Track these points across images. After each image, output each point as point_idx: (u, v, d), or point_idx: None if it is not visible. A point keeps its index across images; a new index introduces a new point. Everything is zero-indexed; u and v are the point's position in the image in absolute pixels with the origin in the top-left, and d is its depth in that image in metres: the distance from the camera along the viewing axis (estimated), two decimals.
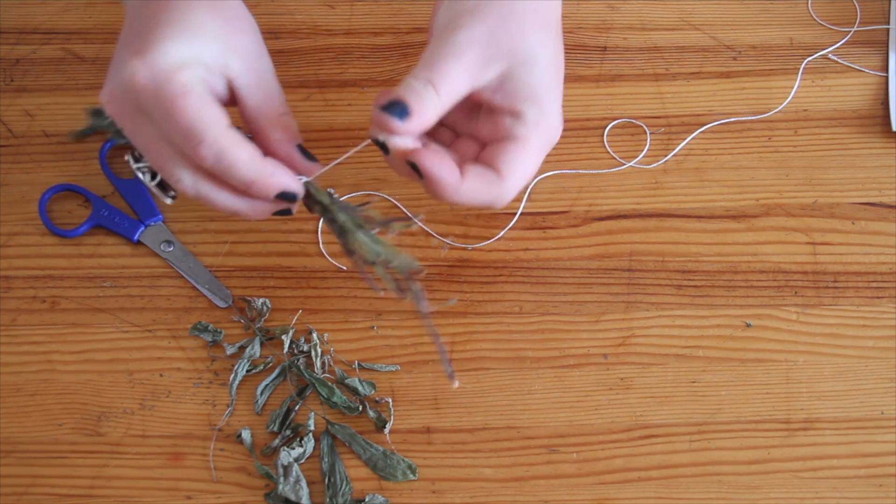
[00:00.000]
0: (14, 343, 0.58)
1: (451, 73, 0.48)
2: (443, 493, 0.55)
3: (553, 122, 0.51)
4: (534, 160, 0.51)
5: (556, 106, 0.51)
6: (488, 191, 0.49)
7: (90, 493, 0.55)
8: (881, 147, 0.64)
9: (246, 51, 0.49)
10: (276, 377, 0.57)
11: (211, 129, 0.46)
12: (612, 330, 0.59)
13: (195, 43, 0.47)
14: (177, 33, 0.46)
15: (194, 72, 0.46)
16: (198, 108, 0.45)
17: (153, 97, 0.46)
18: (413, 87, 0.47)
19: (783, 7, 0.69)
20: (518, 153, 0.50)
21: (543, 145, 0.51)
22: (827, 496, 0.54)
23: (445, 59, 0.48)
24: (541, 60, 0.50)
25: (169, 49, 0.46)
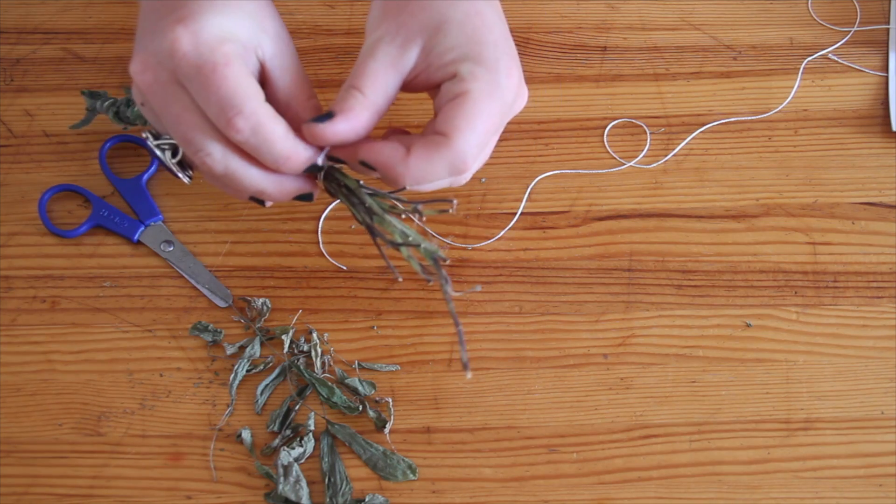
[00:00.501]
0: (14, 343, 0.58)
1: (370, 71, 0.48)
2: (443, 493, 0.55)
3: (495, 69, 0.48)
4: (480, 113, 0.48)
5: (492, 50, 0.49)
6: (439, 156, 0.48)
7: (90, 493, 0.55)
8: (881, 147, 0.64)
9: (277, 34, 0.49)
10: (276, 377, 0.57)
11: (250, 100, 0.46)
12: (612, 330, 0.59)
13: (234, 19, 0.47)
14: (218, 8, 0.47)
15: (235, 46, 0.47)
16: (239, 79, 0.46)
17: (194, 65, 0.46)
18: (338, 97, 0.49)
19: (783, 7, 0.69)
20: (460, 109, 0.48)
21: (489, 95, 0.48)
22: (827, 496, 0.54)
23: (363, 62, 0.49)
24: (455, 19, 0.49)
25: (213, 21, 0.46)
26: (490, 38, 0.49)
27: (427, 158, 0.48)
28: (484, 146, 0.49)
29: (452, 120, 0.48)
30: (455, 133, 0.48)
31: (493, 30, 0.50)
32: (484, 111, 0.48)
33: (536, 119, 0.65)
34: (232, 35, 0.47)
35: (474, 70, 0.48)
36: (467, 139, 0.48)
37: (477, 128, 0.48)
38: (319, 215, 0.62)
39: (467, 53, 0.48)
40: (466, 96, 0.48)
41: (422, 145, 0.48)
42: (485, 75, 0.48)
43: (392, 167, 0.48)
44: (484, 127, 0.48)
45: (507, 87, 0.49)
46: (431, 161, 0.48)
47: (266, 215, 0.62)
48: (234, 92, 0.45)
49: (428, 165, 0.48)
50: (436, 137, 0.48)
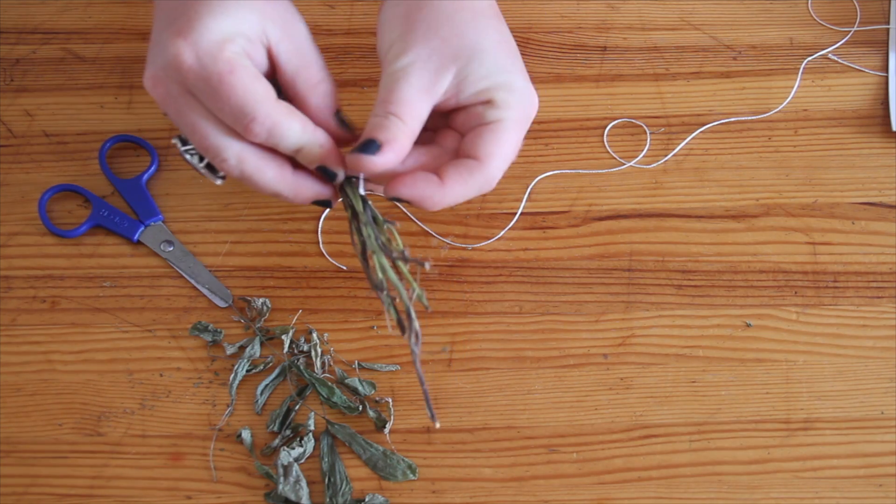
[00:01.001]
0: (14, 343, 0.58)
1: (406, 99, 0.49)
2: (443, 493, 0.55)
3: (524, 97, 0.51)
4: (512, 140, 0.51)
5: (522, 80, 0.51)
6: (473, 180, 0.50)
7: (90, 493, 0.55)
8: (881, 147, 0.64)
9: (282, 18, 0.49)
10: (276, 377, 0.57)
11: (262, 104, 0.46)
12: (612, 330, 0.59)
13: (234, 15, 0.47)
14: (216, 8, 0.47)
15: (237, 45, 0.47)
16: (246, 85, 0.46)
17: (200, 77, 0.46)
18: (377, 124, 0.49)
19: (783, 7, 0.69)
20: (494, 135, 0.50)
21: (519, 122, 0.51)
22: (827, 496, 0.54)
23: (398, 87, 0.49)
24: (487, 48, 0.50)
25: (210, 25, 0.46)
26: (518, 65, 0.52)
27: (462, 184, 0.50)
28: (508, 165, 0.51)
29: (486, 146, 0.50)
30: (489, 159, 0.50)
31: (517, 55, 0.52)
32: (515, 136, 0.51)
33: (536, 119, 0.64)
34: (232, 34, 0.47)
35: (508, 99, 0.50)
36: (499, 164, 0.50)
37: (507, 153, 0.51)
38: (319, 215, 0.62)
39: (501, 83, 0.50)
40: (500, 124, 0.50)
41: (456, 173, 0.50)
42: (516, 105, 0.51)
43: (429, 198, 0.49)
44: (513, 150, 0.51)
45: (531, 104, 0.52)
46: (466, 186, 0.50)
47: (266, 215, 0.62)
48: (244, 100, 0.46)
49: (462, 190, 0.50)
50: (468, 163, 0.50)
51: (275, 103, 0.47)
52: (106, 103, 0.66)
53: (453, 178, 0.50)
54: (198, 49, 0.46)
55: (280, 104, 0.47)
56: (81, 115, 0.65)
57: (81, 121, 0.65)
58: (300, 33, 0.50)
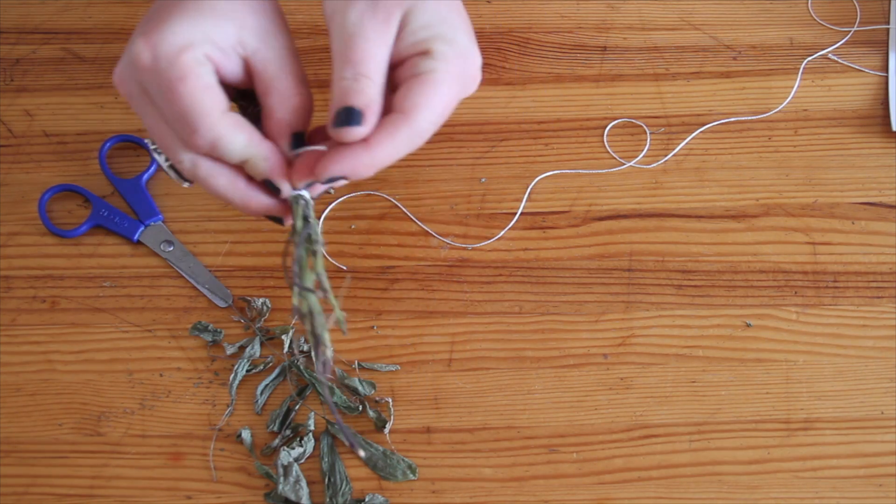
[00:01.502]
0: (14, 343, 0.58)
1: (367, 54, 0.47)
2: (443, 493, 0.55)
3: (462, 52, 0.49)
4: (443, 92, 0.48)
5: (463, 35, 0.49)
6: (400, 136, 0.47)
7: (90, 493, 0.55)
8: (881, 147, 0.64)
9: (263, 28, 0.48)
10: (276, 377, 0.57)
11: (206, 117, 0.45)
12: (612, 330, 0.59)
13: (205, 22, 0.47)
14: (187, 14, 0.46)
15: (199, 52, 0.46)
16: (194, 94, 0.45)
17: (153, 80, 0.46)
18: (350, 88, 0.47)
19: (783, 7, 0.69)
20: (423, 87, 0.48)
21: (455, 77, 0.48)
22: (827, 496, 0.54)
23: (354, 44, 0.48)
24: None
25: (175, 29, 0.46)
26: (460, 22, 0.49)
27: (390, 142, 0.47)
28: (439, 122, 0.49)
29: (414, 97, 0.47)
30: (415, 110, 0.47)
31: (463, 16, 0.50)
32: (447, 91, 0.48)
33: (536, 119, 0.65)
34: (197, 41, 0.46)
35: (446, 51, 0.48)
36: (427, 117, 0.47)
37: (437, 107, 0.48)
38: (319, 215, 0.62)
39: (441, 34, 0.48)
40: (432, 75, 0.48)
41: (382, 130, 0.47)
42: (454, 58, 0.48)
43: (360, 166, 0.47)
44: (443, 106, 0.48)
45: (470, 74, 0.49)
46: (394, 143, 0.47)
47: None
48: (189, 109, 0.45)
49: (392, 147, 0.47)
50: (394, 117, 0.47)
51: (220, 115, 0.46)
52: (106, 103, 0.66)
53: (380, 138, 0.47)
54: (156, 51, 0.45)
55: (227, 116, 0.46)
56: (81, 115, 0.65)
57: (81, 121, 0.65)
58: (281, 45, 0.49)
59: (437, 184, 0.63)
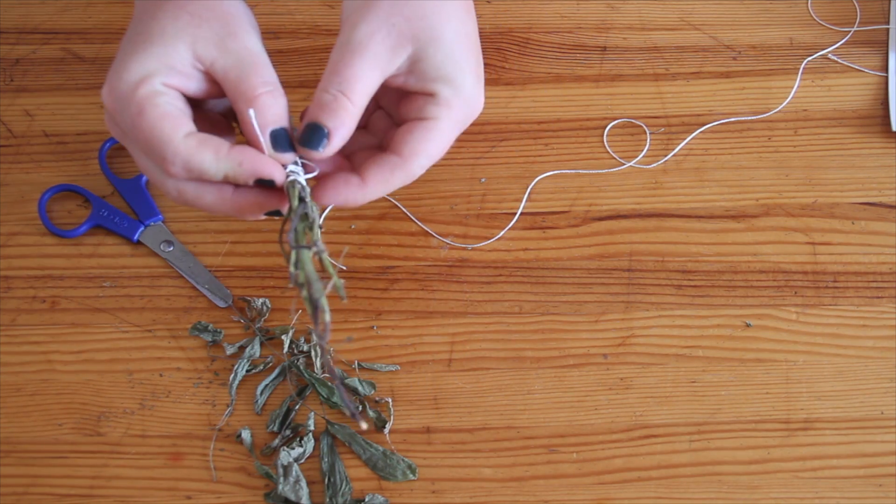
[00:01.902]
0: (14, 343, 0.58)
1: (359, 74, 0.47)
2: (443, 493, 0.55)
3: (468, 99, 0.49)
4: (442, 140, 0.49)
5: (472, 80, 0.49)
6: (394, 178, 0.49)
7: (90, 493, 0.55)
8: (881, 147, 0.64)
9: (217, 34, 0.47)
10: (275, 377, 0.57)
11: (169, 143, 0.46)
12: (612, 330, 0.59)
13: (156, 51, 0.47)
14: (139, 48, 0.47)
15: (154, 83, 0.46)
16: (153, 125, 0.46)
17: (121, 119, 0.47)
18: (325, 102, 0.47)
19: (783, 7, 0.69)
20: (425, 134, 0.49)
21: (456, 123, 0.50)
22: (827, 496, 0.54)
23: (351, 60, 0.47)
24: (447, 36, 0.48)
25: (129, 67, 0.46)
26: (473, 64, 0.50)
27: (383, 183, 0.49)
28: (433, 163, 0.50)
29: (414, 144, 0.49)
30: (413, 157, 0.49)
31: (476, 55, 0.50)
32: (446, 138, 0.49)
33: (536, 119, 0.65)
34: (150, 72, 0.46)
35: (450, 98, 0.49)
36: (422, 163, 0.49)
37: (434, 153, 0.49)
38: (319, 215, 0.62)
39: (449, 76, 0.49)
40: (435, 123, 0.49)
41: (378, 171, 0.49)
42: (458, 106, 0.49)
43: (352, 200, 0.49)
44: (440, 151, 0.50)
45: (474, 107, 0.50)
46: (388, 183, 0.49)
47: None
48: (152, 139, 0.46)
49: (384, 187, 0.49)
50: (391, 160, 0.49)
51: (183, 139, 0.46)
52: None
53: (375, 177, 0.49)
54: (115, 93, 0.46)
55: (189, 138, 0.46)
56: (81, 115, 0.65)
57: (81, 121, 0.65)
58: (240, 47, 0.48)
59: (437, 184, 0.63)
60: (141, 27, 0.48)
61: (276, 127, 0.47)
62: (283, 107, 0.48)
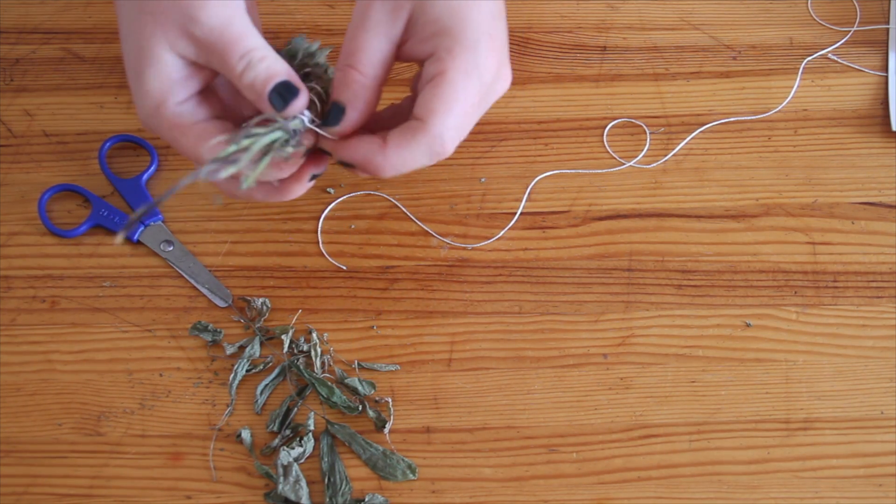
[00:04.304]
0: (14, 343, 0.58)
1: (363, 45, 0.47)
2: (443, 493, 0.55)
3: (471, 45, 0.47)
4: (457, 94, 0.46)
5: (472, 28, 0.47)
6: (416, 143, 0.46)
7: (90, 493, 0.55)
8: (881, 147, 0.64)
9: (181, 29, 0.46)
10: (275, 377, 0.57)
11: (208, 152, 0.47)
12: (611, 330, 0.59)
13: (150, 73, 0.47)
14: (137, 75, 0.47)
15: (168, 107, 0.47)
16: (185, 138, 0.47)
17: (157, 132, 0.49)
18: (339, 79, 0.47)
19: (783, 7, 0.69)
20: (435, 90, 0.46)
21: (467, 74, 0.47)
22: (827, 496, 0.54)
23: (354, 33, 0.48)
24: None
25: (140, 98, 0.48)
26: (474, 15, 0.47)
27: (405, 147, 0.47)
28: (461, 127, 0.48)
29: (429, 103, 0.46)
30: (431, 117, 0.46)
31: (480, 8, 0.48)
32: (461, 92, 0.47)
33: (536, 119, 0.65)
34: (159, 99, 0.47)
35: (452, 48, 0.47)
36: (444, 122, 0.46)
37: (454, 110, 0.47)
38: (319, 215, 0.62)
39: (448, 28, 0.47)
40: (443, 77, 0.47)
41: (398, 134, 0.47)
42: (462, 54, 0.47)
43: (370, 161, 0.47)
44: (461, 108, 0.47)
45: (486, 67, 0.47)
46: (410, 149, 0.47)
47: (266, 215, 0.62)
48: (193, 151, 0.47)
49: (407, 153, 0.47)
50: (412, 124, 0.47)
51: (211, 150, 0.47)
52: (106, 103, 0.66)
53: (395, 141, 0.47)
54: (145, 122, 0.48)
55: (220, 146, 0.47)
56: (81, 115, 0.65)
57: (81, 121, 0.65)
58: (206, 29, 0.46)
59: (437, 184, 0.63)
60: (127, 45, 0.48)
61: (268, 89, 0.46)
62: (267, 68, 0.46)
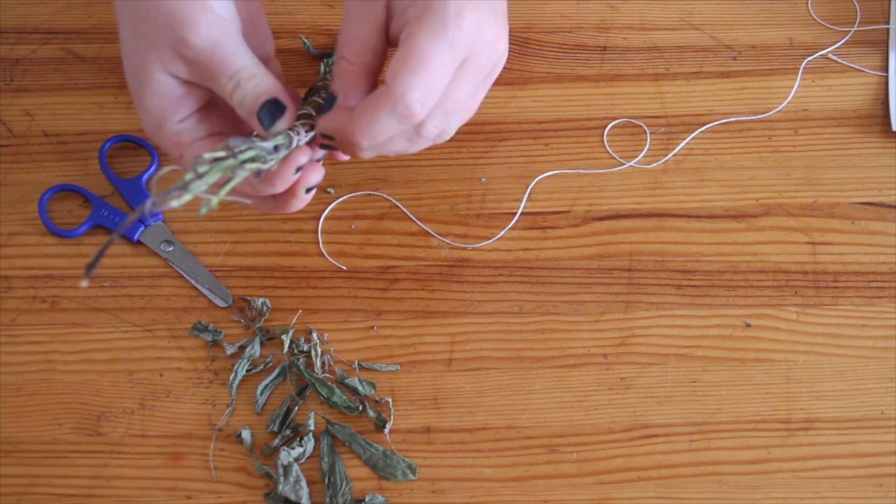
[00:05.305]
0: (14, 343, 0.58)
1: (349, 34, 0.48)
2: (443, 493, 0.55)
3: (442, 14, 0.45)
4: (422, 56, 0.45)
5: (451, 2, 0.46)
6: (381, 105, 0.45)
7: (90, 493, 0.55)
8: (881, 147, 0.64)
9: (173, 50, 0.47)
10: (276, 377, 0.57)
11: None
12: (612, 330, 0.59)
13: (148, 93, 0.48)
14: (137, 96, 0.49)
15: (169, 127, 0.48)
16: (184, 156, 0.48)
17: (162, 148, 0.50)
18: (335, 71, 0.49)
19: (783, 7, 0.69)
20: (399, 56, 0.45)
21: (432, 37, 0.45)
22: (827, 496, 0.54)
23: (343, 25, 0.49)
24: None
25: (144, 118, 0.49)
26: None
27: (371, 111, 0.46)
28: (431, 89, 0.46)
29: (393, 67, 0.46)
30: (393, 80, 0.45)
31: None
32: (424, 53, 0.45)
33: (536, 119, 0.65)
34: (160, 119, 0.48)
35: (420, 13, 0.46)
36: (407, 83, 0.45)
37: (416, 70, 0.45)
38: (319, 215, 0.62)
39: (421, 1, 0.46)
40: (408, 40, 0.46)
41: (365, 100, 0.46)
42: (428, 16, 0.46)
43: (341, 128, 0.47)
44: (426, 69, 0.45)
45: (458, 27, 0.46)
46: (375, 113, 0.46)
47: (266, 216, 0.62)
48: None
49: (373, 118, 0.46)
50: (379, 89, 0.46)
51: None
52: (106, 103, 0.66)
53: (361, 107, 0.46)
54: (149, 133, 0.49)
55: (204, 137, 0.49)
56: (81, 115, 0.65)
57: (81, 121, 0.65)
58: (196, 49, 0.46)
59: (437, 184, 0.63)
60: (127, 65, 0.49)
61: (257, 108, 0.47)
62: (255, 86, 0.47)
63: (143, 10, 0.47)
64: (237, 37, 0.47)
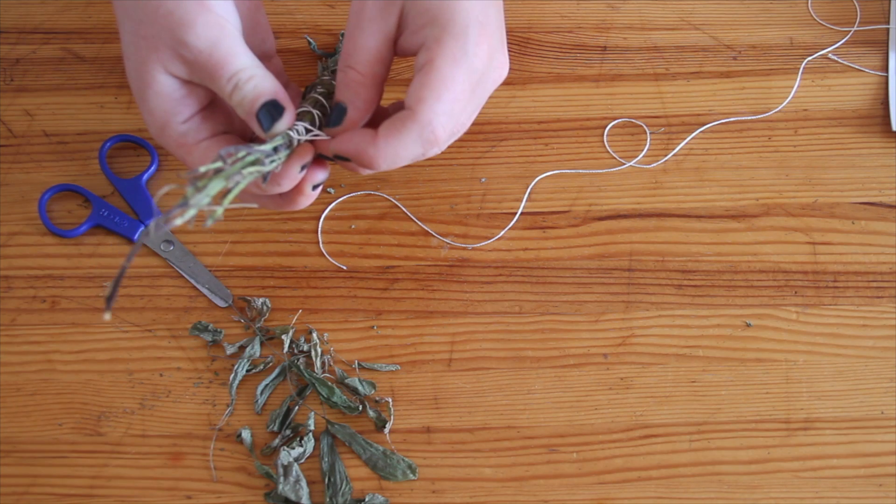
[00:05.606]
0: (14, 343, 0.58)
1: (358, 44, 0.48)
2: (443, 493, 0.55)
3: (460, 33, 0.46)
4: (445, 81, 0.46)
5: (461, 15, 0.47)
6: (406, 131, 0.46)
7: (90, 493, 0.55)
8: (881, 147, 0.64)
9: (172, 51, 0.47)
10: (276, 377, 0.57)
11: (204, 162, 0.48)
12: (612, 330, 0.59)
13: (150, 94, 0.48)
14: (140, 99, 0.49)
15: (174, 128, 0.48)
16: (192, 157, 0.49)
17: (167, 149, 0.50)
18: (340, 80, 0.48)
19: (783, 7, 0.69)
20: (422, 79, 0.46)
21: (455, 61, 0.46)
22: (827, 496, 0.54)
23: (350, 33, 0.48)
24: None
25: (148, 120, 0.49)
26: (463, 3, 0.47)
27: (396, 136, 0.47)
28: (453, 115, 0.47)
29: (417, 92, 0.46)
30: (420, 106, 0.46)
31: (484, 7, 0.48)
32: (449, 80, 0.46)
33: (536, 119, 0.65)
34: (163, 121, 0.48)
35: (440, 36, 0.47)
36: (433, 109, 0.46)
37: (442, 97, 0.46)
38: (319, 215, 0.62)
39: (437, 17, 0.47)
40: (431, 65, 0.46)
41: (389, 124, 0.47)
42: (449, 41, 0.47)
43: (363, 153, 0.47)
44: (450, 96, 0.47)
45: (476, 55, 0.47)
46: (400, 138, 0.47)
47: (266, 215, 0.62)
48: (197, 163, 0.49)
49: (398, 143, 0.47)
50: (402, 113, 0.47)
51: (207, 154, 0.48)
52: (106, 103, 0.66)
53: (385, 131, 0.47)
54: (153, 135, 0.49)
55: None
56: (81, 115, 0.65)
57: (81, 121, 0.65)
58: (195, 51, 0.46)
59: (437, 184, 0.63)
60: (129, 66, 0.49)
61: (255, 109, 0.47)
62: (254, 88, 0.47)
63: (142, 11, 0.47)
64: (236, 36, 0.47)
